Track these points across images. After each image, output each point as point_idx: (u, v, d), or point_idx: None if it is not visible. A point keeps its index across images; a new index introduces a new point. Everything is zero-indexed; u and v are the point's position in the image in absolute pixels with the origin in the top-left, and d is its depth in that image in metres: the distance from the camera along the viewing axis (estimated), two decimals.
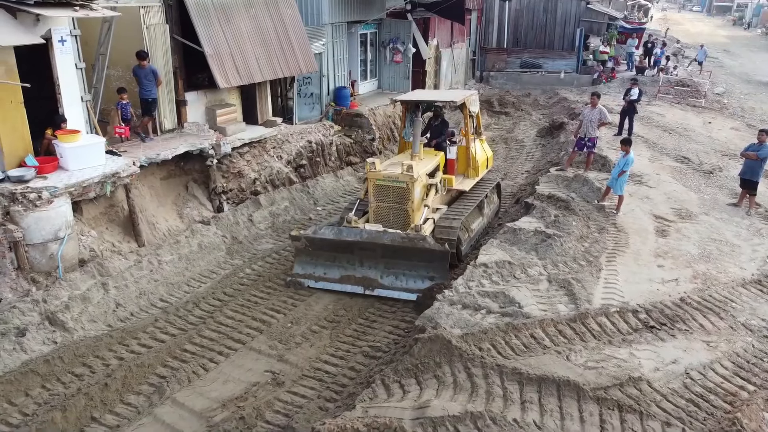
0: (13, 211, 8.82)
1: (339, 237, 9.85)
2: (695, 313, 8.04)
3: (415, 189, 10.19)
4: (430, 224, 10.43)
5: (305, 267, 10.18)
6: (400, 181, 10.18)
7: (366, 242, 9.71)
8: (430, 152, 11.63)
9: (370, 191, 10.58)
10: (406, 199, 10.26)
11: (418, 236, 9.60)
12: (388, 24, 19.64)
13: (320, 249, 10.05)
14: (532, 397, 6.18)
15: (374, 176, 10.44)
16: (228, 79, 12.38)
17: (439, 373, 6.66)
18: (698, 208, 12.09)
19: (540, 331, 7.39)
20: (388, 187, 10.35)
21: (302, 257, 10.20)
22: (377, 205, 10.55)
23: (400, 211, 10.38)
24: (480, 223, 11.85)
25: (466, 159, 12.01)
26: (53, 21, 9.59)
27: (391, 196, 10.38)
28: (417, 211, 10.39)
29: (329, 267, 10.06)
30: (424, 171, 10.68)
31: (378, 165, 10.55)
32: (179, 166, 12.13)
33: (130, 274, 9.76)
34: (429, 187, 10.75)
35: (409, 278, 9.70)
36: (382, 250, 9.68)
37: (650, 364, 6.88)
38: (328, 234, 9.95)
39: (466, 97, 11.84)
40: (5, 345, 7.91)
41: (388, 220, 10.47)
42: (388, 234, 9.75)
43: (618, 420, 5.92)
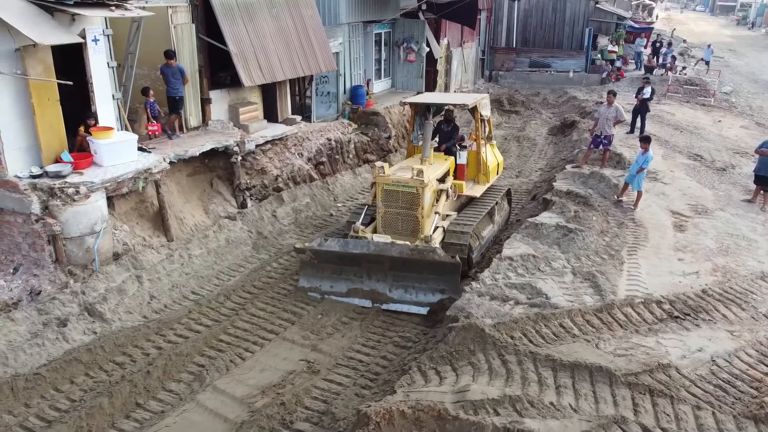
0: (51, 205, 9.08)
1: (345, 249, 9.45)
2: (717, 304, 8.28)
3: (425, 195, 9.91)
4: (440, 233, 10.13)
5: (311, 280, 9.85)
6: (409, 186, 9.88)
7: (373, 255, 9.34)
8: (440, 157, 11.40)
9: (378, 197, 10.25)
10: (415, 205, 9.95)
11: (428, 248, 9.19)
12: (401, 24, 19.88)
13: (326, 262, 9.69)
14: (565, 382, 6.43)
15: (383, 181, 10.10)
16: (252, 77, 12.63)
17: (473, 360, 6.90)
18: (713, 204, 12.32)
19: (568, 321, 7.63)
20: (397, 193, 10.03)
21: (308, 270, 9.87)
22: (385, 211, 10.25)
23: (410, 218, 10.08)
24: (490, 230, 11.54)
25: (477, 164, 11.78)
26: (87, 21, 9.84)
27: (400, 201, 10.07)
28: (427, 218, 10.07)
29: (336, 280, 9.72)
30: (435, 176, 10.41)
31: (387, 169, 10.24)
32: (204, 163, 12.37)
33: (163, 267, 10.02)
34: (439, 193, 10.43)
35: (419, 291, 9.37)
36: (390, 263, 9.32)
37: (677, 352, 7.12)
38: (333, 246, 9.54)
39: (477, 100, 11.69)
40: (48, 335, 8.17)
41: (397, 227, 10.21)
42: (396, 246, 9.34)
43: (650, 404, 6.15)
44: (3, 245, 9.50)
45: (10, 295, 8.86)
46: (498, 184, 12.80)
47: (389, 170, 10.31)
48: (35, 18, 8.81)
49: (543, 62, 28.82)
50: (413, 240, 9.85)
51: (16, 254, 9.42)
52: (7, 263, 9.47)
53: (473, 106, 11.43)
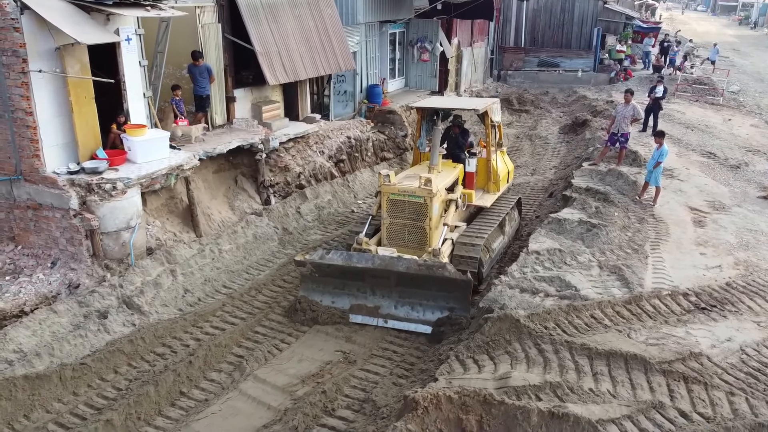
0: (89, 200, 9.30)
1: (348, 263, 8.84)
2: (742, 296, 8.50)
3: (433, 205, 9.39)
4: (448, 245, 9.60)
5: (312, 294, 9.23)
6: (417, 196, 9.37)
7: (378, 269, 8.73)
8: (449, 164, 10.91)
9: (383, 206, 9.73)
10: (423, 216, 9.45)
11: (437, 264, 8.58)
12: (415, 24, 20.10)
13: (328, 275, 9.10)
14: (602, 369, 6.64)
15: (388, 190, 9.59)
16: (276, 76, 12.85)
17: (510, 349, 7.11)
18: (730, 201, 12.54)
19: (599, 312, 7.84)
20: (403, 203, 9.51)
21: (308, 284, 9.27)
22: (391, 222, 9.75)
23: (417, 230, 9.58)
24: (501, 242, 11.05)
25: (487, 172, 11.28)
26: (121, 20, 10.07)
27: (406, 212, 9.56)
28: (435, 229, 9.53)
29: (338, 295, 9.13)
30: (444, 185, 9.93)
31: (392, 177, 9.74)
32: (229, 161, 12.58)
33: (195, 261, 10.23)
34: (448, 203, 9.87)
35: (426, 309, 8.77)
36: (396, 278, 8.73)
37: (707, 342, 7.33)
38: (336, 259, 8.94)
39: (488, 105, 11.21)
40: (90, 326, 8.39)
41: (403, 239, 9.73)
42: (403, 260, 8.75)
43: (685, 390, 6.37)
44: (40, 240, 9.74)
45: (50, 289, 9.08)
46: (508, 194, 12.42)
47: (395, 179, 9.83)
48: (75, 17, 9.03)
49: (551, 62, 29.05)
50: (420, 253, 9.35)
51: (54, 248, 9.65)
52: (45, 257, 9.70)
53: (484, 111, 10.97)
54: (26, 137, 9.18)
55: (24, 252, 9.86)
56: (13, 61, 8.80)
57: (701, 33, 52.83)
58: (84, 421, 6.87)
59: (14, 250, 9.91)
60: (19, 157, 9.36)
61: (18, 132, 9.19)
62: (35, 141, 9.17)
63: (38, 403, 7.09)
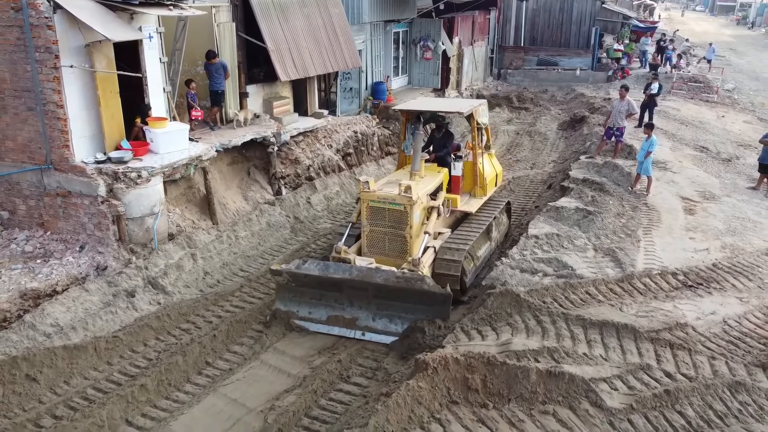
0: (116, 188, 9.91)
1: (325, 273, 8.57)
2: (727, 276, 9.11)
3: (414, 213, 9.08)
4: (430, 254, 9.27)
5: (288, 304, 8.93)
6: (397, 204, 9.07)
7: (356, 280, 8.46)
8: (433, 169, 10.51)
9: (363, 214, 9.45)
10: (403, 224, 9.16)
11: (416, 276, 8.33)
12: (418, 23, 20.73)
13: (304, 286, 8.81)
14: (595, 337, 7.26)
15: (368, 197, 9.29)
16: (287, 72, 13.47)
17: (511, 321, 7.73)
18: (720, 191, 13.16)
19: (593, 289, 8.46)
20: (383, 210, 9.22)
21: (284, 293, 8.96)
22: (371, 230, 9.46)
23: (397, 238, 9.30)
24: (487, 248, 10.69)
25: (473, 176, 10.91)
26: (144, 19, 10.68)
27: (386, 220, 9.26)
28: (416, 238, 9.23)
29: (315, 306, 8.82)
30: (425, 192, 9.58)
31: (372, 184, 9.39)
32: (242, 154, 13.19)
33: (213, 246, 10.85)
34: (430, 210, 9.54)
35: (405, 321, 8.42)
36: (374, 290, 8.44)
37: (692, 314, 7.95)
38: (312, 270, 8.66)
39: (474, 107, 10.75)
40: (120, 304, 9.00)
41: (383, 248, 9.43)
42: (381, 272, 8.50)
43: (671, 355, 6.99)
44: (69, 225, 10.35)
45: (79, 270, 9.69)
46: (497, 197, 12.07)
47: (375, 185, 9.47)
48: (103, 16, 9.63)
49: (550, 60, 29.68)
50: (401, 262, 9.05)
51: (81, 234, 10.27)
52: (73, 242, 10.31)
53: (469, 113, 10.55)
54: (57, 129, 9.78)
55: (53, 237, 10.48)
56: (46, 57, 9.41)
57: (699, 33, 53.44)
58: (119, 386, 7.48)
59: (44, 236, 10.53)
60: (49, 148, 9.97)
61: (49, 124, 9.80)
62: (65, 132, 9.78)
63: (76, 371, 7.70)
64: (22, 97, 9.89)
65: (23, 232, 10.66)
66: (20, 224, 10.76)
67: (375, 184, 9.52)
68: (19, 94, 9.90)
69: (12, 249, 10.30)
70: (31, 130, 10.03)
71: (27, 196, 10.50)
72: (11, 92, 9.95)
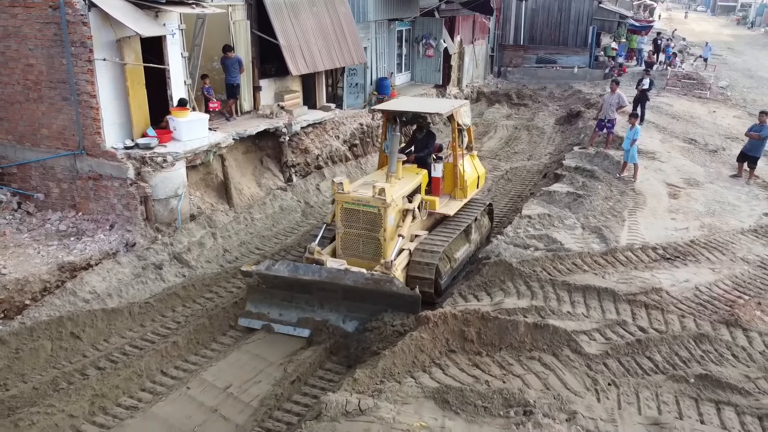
0: (143, 171, 10.80)
1: (294, 275, 8.54)
2: (702, 251, 9.98)
3: (388, 215, 8.99)
4: (404, 256, 9.18)
5: (258, 306, 8.94)
6: (370, 206, 8.99)
7: (325, 282, 8.43)
8: (412, 170, 10.32)
9: (337, 215, 9.39)
10: (377, 227, 9.08)
11: (384, 278, 8.30)
12: (420, 21, 21.62)
13: (275, 287, 8.80)
14: (578, 299, 8.13)
15: (342, 199, 9.19)
16: (298, 67, 14.36)
17: (504, 287, 8.61)
18: (704, 179, 14.02)
19: (579, 260, 9.34)
20: (357, 212, 9.14)
21: (255, 295, 8.96)
22: (345, 232, 9.40)
23: (371, 240, 9.22)
24: (466, 250, 10.53)
25: (454, 177, 10.74)
26: (167, 16, 11.58)
27: (360, 222, 9.18)
28: (390, 240, 9.15)
29: (285, 308, 8.81)
30: (400, 194, 9.43)
31: (347, 185, 9.27)
32: (255, 143, 14.09)
33: (231, 227, 11.74)
34: (405, 212, 9.43)
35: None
36: (343, 292, 8.42)
37: (668, 282, 8.81)
38: (282, 271, 8.64)
39: (454, 108, 10.55)
40: (149, 275, 9.90)
41: (357, 250, 9.37)
42: (350, 273, 8.47)
43: (645, 314, 7.85)
44: (99, 207, 11.25)
45: (110, 246, 10.58)
46: (479, 198, 11.95)
47: (349, 187, 9.37)
48: (132, 14, 10.53)
49: (549, 59, 30.55)
50: (375, 264, 8.97)
51: (111, 214, 11.16)
52: (103, 221, 11.21)
53: (449, 114, 10.41)
54: (90, 117, 10.67)
55: (84, 217, 11.37)
56: (81, 51, 10.30)
57: (698, 32, 54.31)
58: (153, 343, 8.37)
59: (76, 216, 11.42)
60: (82, 135, 10.86)
61: (82, 112, 10.69)
62: (97, 120, 10.67)
63: (114, 331, 8.59)
64: (57, 88, 10.79)
65: (56, 213, 11.56)
66: (53, 206, 11.65)
67: (350, 186, 9.42)
68: (55, 85, 10.79)
69: (47, 228, 11.19)
70: (66, 119, 10.92)
71: (60, 179, 11.40)
72: (47, 84, 10.84)
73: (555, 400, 5.91)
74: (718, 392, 6.27)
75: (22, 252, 10.19)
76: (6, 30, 10.80)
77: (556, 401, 5.90)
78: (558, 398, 5.96)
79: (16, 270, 9.61)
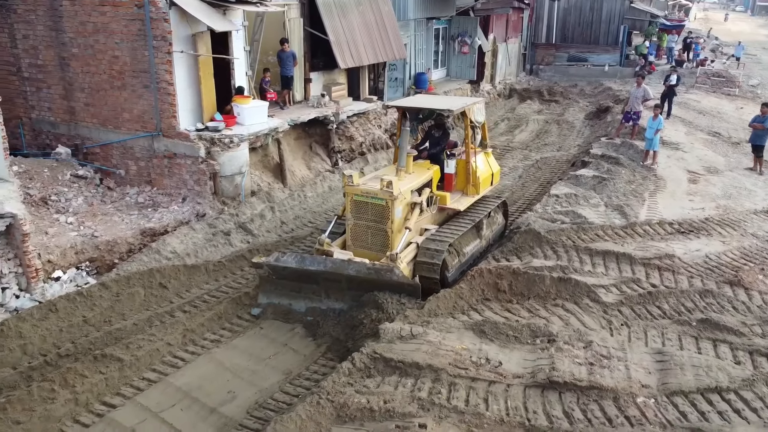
0: (213, 151, 12.23)
1: (302, 266, 8.89)
2: (716, 227, 10.98)
3: (395, 208, 9.19)
4: (411, 249, 9.35)
5: (270, 296, 9.30)
6: (379, 199, 9.22)
7: (330, 272, 8.78)
8: (423, 165, 10.51)
9: (347, 208, 9.65)
10: (385, 219, 9.28)
11: (385, 268, 8.55)
12: (457, 20, 22.79)
13: (284, 278, 9.15)
14: (598, 262, 9.27)
15: (351, 191, 9.45)
16: (345, 61, 15.69)
17: (532, 252, 9.77)
18: (724, 167, 14.92)
19: (601, 232, 10.44)
20: (366, 204, 9.38)
21: (266, 286, 9.34)
22: (354, 224, 9.65)
23: (379, 232, 9.43)
24: (476, 246, 10.51)
25: (466, 174, 10.82)
26: (233, 14, 13.00)
27: (369, 214, 9.41)
28: (397, 233, 9.34)
29: (294, 298, 9.17)
30: (408, 187, 9.60)
31: (356, 178, 9.52)
32: (305, 130, 15.45)
33: (287, 203, 13.11)
34: (413, 206, 9.61)
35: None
36: (347, 282, 8.75)
37: (680, 250, 9.86)
38: (290, 262, 8.99)
39: (466, 105, 10.59)
40: (219, 240, 11.32)
41: (366, 242, 9.60)
42: (353, 264, 8.78)
43: (658, 274, 8.95)
44: (172, 182, 12.72)
45: (183, 216, 12.04)
46: (492, 196, 11.87)
47: (359, 180, 9.68)
48: (206, 11, 11.97)
49: (580, 57, 31.40)
50: (382, 256, 9.15)
51: (183, 188, 12.62)
52: (176, 195, 12.68)
53: (461, 111, 10.44)
54: (167, 102, 12.13)
55: (159, 192, 12.87)
56: (161, 44, 11.76)
57: (734, 32, 54.12)
58: (227, 294, 9.76)
59: (151, 191, 12.92)
60: (159, 118, 12.34)
61: (161, 98, 12.16)
62: (174, 105, 12.12)
63: (194, 284, 10.00)
64: (139, 77, 12.28)
65: (134, 188, 13.08)
66: (131, 182, 13.18)
67: (360, 179, 9.72)
68: (137, 74, 12.29)
69: (127, 201, 12.72)
70: (145, 104, 12.41)
71: (138, 158, 12.92)
72: (130, 73, 12.35)
73: (574, 333, 7.09)
74: (716, 333, 7.35)
75: (108, 219, 11.71)
76: (96, 26, 12.34)
77: (576, 333, 7.08)
78: (577, 332, 7.13)
79: (105, 233, 11.12)
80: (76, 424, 6.77)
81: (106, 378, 7.37)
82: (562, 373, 6.25)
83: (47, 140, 13.88)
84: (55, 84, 13.35)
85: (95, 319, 8.78)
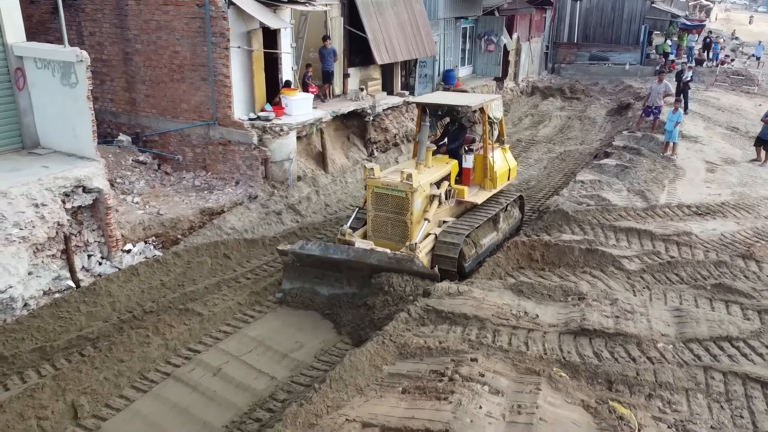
0: (264, 138, 13.34)
1: (325, 254, 9.29)
2: (731, 210, 11.85)
3: (414, 200, 9.54)
4: (430, 240, 9.73)
5: (294, 282, 9.67)
6: (399, 190, 9.58)
7: (352, 261, 9.12)
8: (442, 160, 10.90)
9: (368, 199, 10.05)
10: (405, 210, 9.62)
11: (406, 257, 8.90)
12: (483, 19, 23.75)
13: (308, 265, 9.52)
14: (622, 237, 10.21)
15: (373, 183, 9.87)
16: (382, 57, 16.74)
17: (561, 229, 10.73)
18: (741, 159, 15.72)
19: (624, 213, 11.38)
20: (386, 196, 9.76)
21: (290, 273, 9.70)
22: (375, 215, 10.04)
23: (399, 223, 9.79)
24: (493, 238, 10.72)
25: (484, 169, 11.20)
26: (282, 13, 14.09)
27: (389, 205, 9.78)
28: (417, 224, 9.68)
29: (318, 284, 9.52)
30: (427, 180, 9.96)
31: (377, 171, 9.94)
32: (343, 122, 16.52)
33: (330, 187, 14.19)
34: (432, 198, 9.97)
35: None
36: (368, 270, 9.03)
37: (697, 229, 10.76)
38: (314, 251, 9.38)
39: (485, 101, 11.03)
40: (272, 219, 12.42)
41: (386, 233, 9.96)
42: (374, 253, 9.12)
43: (676, 248, 9.87)
44: (226, 167, 13.85)
45: (237, 198, 13.14)
46: (509, 190, 12.24)
47: (380, 172, 10.09)
48: (260, 10, 13.07)
49: (602, 56, 32.17)
50: (402, 246, 9.50)
51: (236, 173, 13.74)
52: (229, 179, 13.81)
53: (479, 108, 10.89)
54: (223, 94, 13.26)
55: (213, 176, 14.00)
56: (220, 40, 12.89)
57: (756, 33, 54.38)
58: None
59: (206, 175, 14.06)
60: (216, 108, 13.47)
61: (217, 90, 13.29)
62: (229, 96, 13.25)
63: (253, 255, 11.11)
64: (197, 70, 13.42)
65: (190, 173, 14.22)
66: (187, 167, 14.32)
67: (381, 172, 10.12)
68: (196, 68, 13.43)
69: (184, 184, 13.87)
70: (202, 95, 13.55)
71: (195, 145, 14.06)
72: (190, 67, 13.50)
73: (602, 293, 8.05)
74: (728, 295, 8.27)
75: (170, 200, 12.86)
76: (158, 24, 13.51)
77: (603, 293, 8.04)
78: (604, 291, 8.10)
79: (169, 212, 12.25)
80: (168, 364, 7.88)
81: (189, 329, 8.47)
82: (592, 322, 7.21)
83: (108, 129, 15.09)
84: (118, 77, 14.56)
85: (171, 283, 9.92)
